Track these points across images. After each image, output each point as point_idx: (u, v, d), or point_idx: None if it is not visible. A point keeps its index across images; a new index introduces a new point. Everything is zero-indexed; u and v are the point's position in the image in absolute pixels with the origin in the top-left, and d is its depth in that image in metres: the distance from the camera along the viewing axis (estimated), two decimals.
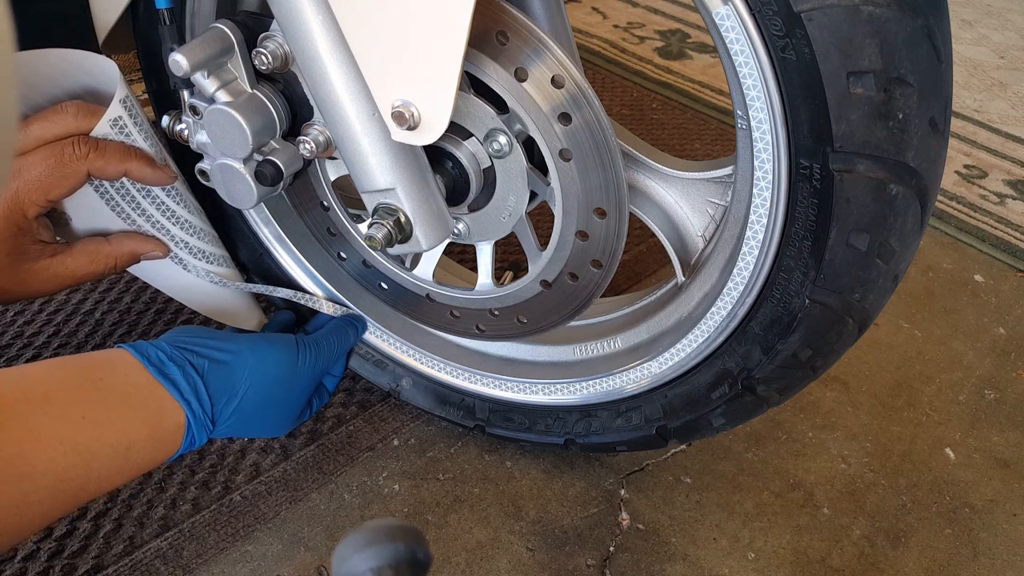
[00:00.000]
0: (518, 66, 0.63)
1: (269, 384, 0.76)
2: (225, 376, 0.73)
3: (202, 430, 0.71)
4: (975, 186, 1.44)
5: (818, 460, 0.94)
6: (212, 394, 0.71)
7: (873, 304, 0.63)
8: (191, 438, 0.71)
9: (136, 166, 0.74)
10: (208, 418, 0.71)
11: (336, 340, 0.85)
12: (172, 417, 0.69)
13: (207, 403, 0.71)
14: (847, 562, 0.84)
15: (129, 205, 0.79)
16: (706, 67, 1.77)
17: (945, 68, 0.54)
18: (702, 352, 0.72)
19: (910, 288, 1.19)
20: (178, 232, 0.82)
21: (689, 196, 0.75)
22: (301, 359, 0.79)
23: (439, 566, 0.81)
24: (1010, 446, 0.97)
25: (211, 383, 0.72)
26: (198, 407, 0.70)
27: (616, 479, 0.90)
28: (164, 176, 0.76)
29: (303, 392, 0.81)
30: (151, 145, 0.76)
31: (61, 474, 0.61)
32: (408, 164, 0.64)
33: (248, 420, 0.75)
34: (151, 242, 0.81)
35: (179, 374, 0.70)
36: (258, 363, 0.75)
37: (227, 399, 0.73)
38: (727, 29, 0.55)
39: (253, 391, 0.74)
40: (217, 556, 0.79)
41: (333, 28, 0.57)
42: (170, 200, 0.80)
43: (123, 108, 0.73)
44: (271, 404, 0.77)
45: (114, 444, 0.64)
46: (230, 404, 0.73)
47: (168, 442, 0.69)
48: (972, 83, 1.79)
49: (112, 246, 0.79)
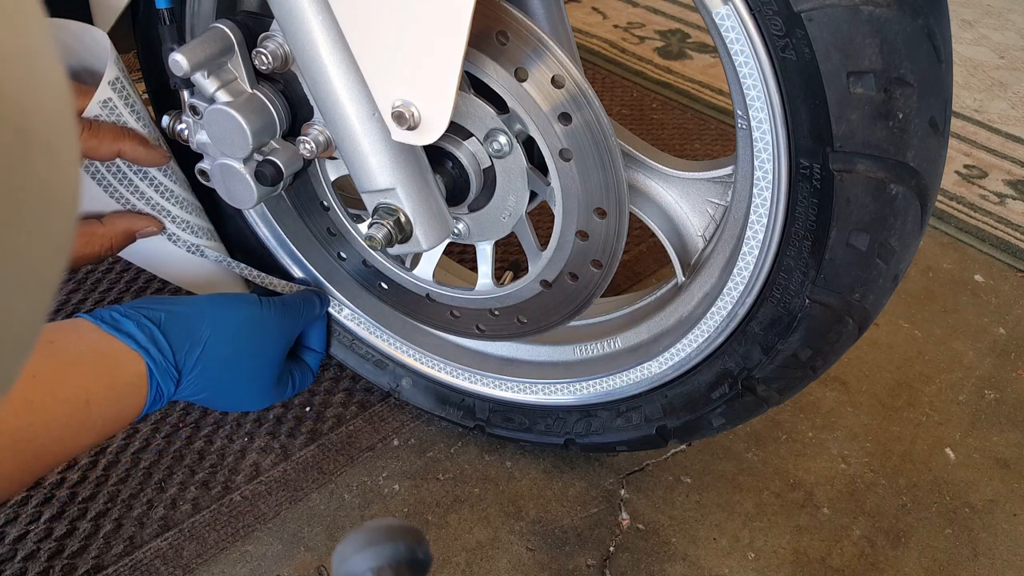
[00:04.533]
0: (518, 66, 0.63)
1: (234, 331, 0.75)
2: (184, 324, 0.72)
3: (167, 378, 0.69)
4: (975, 186, 1.44)
5: (818, 460, 0.94)
6: (172, 342, 0.70)
7: (873, 304, 0.63)
8: (156, 388, 0.69)
9: (129, 146, 0.74)
10: (171, 365, 0.70)
11: (303, 304, 0.84)
12: (130, 366, 0.67)
13: (167, 349, 0.69)
14: (847, 562, 0.84)
15: (123, 186, 0.79)
16: (706, 67, 1.77)
17: (945, 68, 0.54)
18: (702, 352, 0.72)
19: (910, 288, 1.19)
20: (175, 210, 0.82)
21: (689, 196, 0.75)
22: (266, 312, 0.78)
23: (439, 566, 0.81)
24: (1010, 446, 0.97)
25: (169, 331, 0.70)
26: (157, 354, 0.69)
27: (616, 479, 0.90)
28: (158, 156, 0.76)
29: (274, 350, 0.79)
30: (143, 124, 0.75)
31: (17, 435, 0.59)
32: (408, 164, 0.64)
33: (219, 374, 0.73)
34: (145, 219, 0.81)
35: (134, 327, 0.68)
36: (219, 312, 0.75)
37: (189, 345, 0.71)
38: (727, 29, 0.55)
39: (217, 338, 0.73)
40: (217, 556, 0.79)
41: (333, 28, 0.57)
42: (166, 179, 0.80)
43: (113, 89, 0.72)
44: (240, 357, 0.75)
45: (70, 399, 0.63)
46: (194, 350, 0.71)
47: (131, 394, 0.67)
48: (972, 83, 1.79)
49: (106, 227, 0.79)
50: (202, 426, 0.91)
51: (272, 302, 0.81)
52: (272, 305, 0.80)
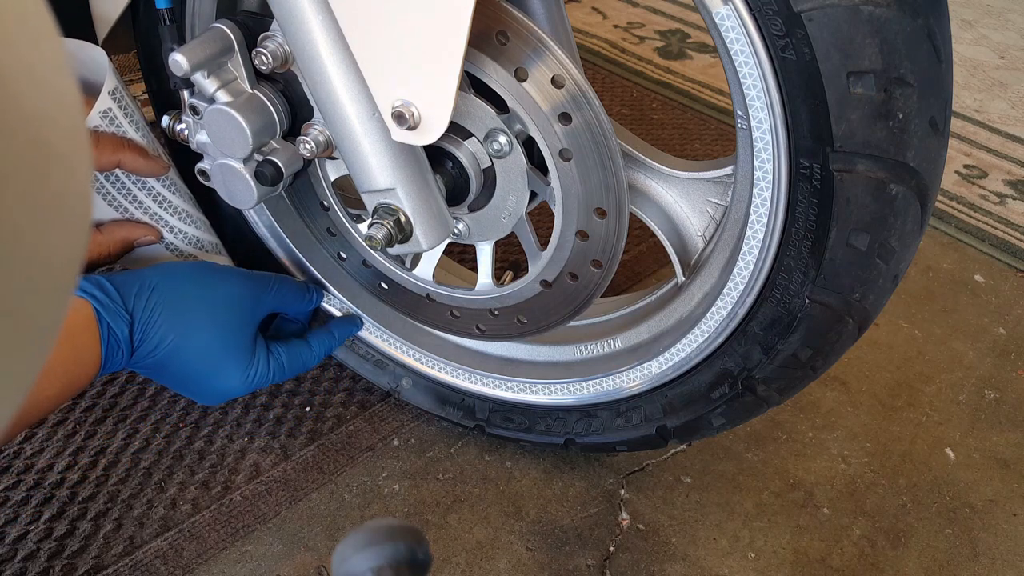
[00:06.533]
0: (518, 66, 0.63)
1: (183, 278, 0.74)
2: (131, 274, 0.72)
3: (118, 320, 0.69)
4: (975, 186, 1.44)
5: (818, 460, 0.94)
6: (119, 287, 0.70)
7: (873, 304, 0.63)
8: (108, 330, 0.68)
9: (129, 157, 0.74)
10: (120, 307, 0.69)
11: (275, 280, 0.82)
12: (77, 312, 0.66)
13: (113, 293, 0.69)
14: (847, 562, 0.84)
15: (123, 195, 0.79)
16: (706, 67, 1.77)
17: (945, 68, 0.54)
18: (702, 352, 0.72)
19: (910, 288, 1.19)
20: (173, 221, 0.82)
21: (689, 196, 0.75)
22: (219, 269, 0.78)
23: (439, 566, 0.81)
24: (1010, 446, 0.97)
25: (115, 279, 0.70)
26: (103, 296, 0.68)
27: (616, 479, 0.90)
28: (157, 166, 0.77)
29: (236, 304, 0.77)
30: (143, 136, 0.76)
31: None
32: (408, 164, 0.64)
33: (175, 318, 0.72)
34: (143, 228, 0.81)
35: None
36: (168, 266, 0.75)
37: (138, 288, 0.71)
38: (727, 29, 0.55)
39: (167, 281, 0.73)
40: (217, 556, 0.79)
41: (333, 28, 0.57)
42: (165, 189, 0.80)
43: (112, 99, 0.73)
44: (196, 299, 0.74)
45: None
46: (143, 292, 0.71)
47: (83, 339, 0.67)
48: (972, 83, 1.79)
49: (104, 235, 0.79)
50: (202, 426, 0.91)
51: (231, 267, 0.80)
52: (230, 268, 0.79)
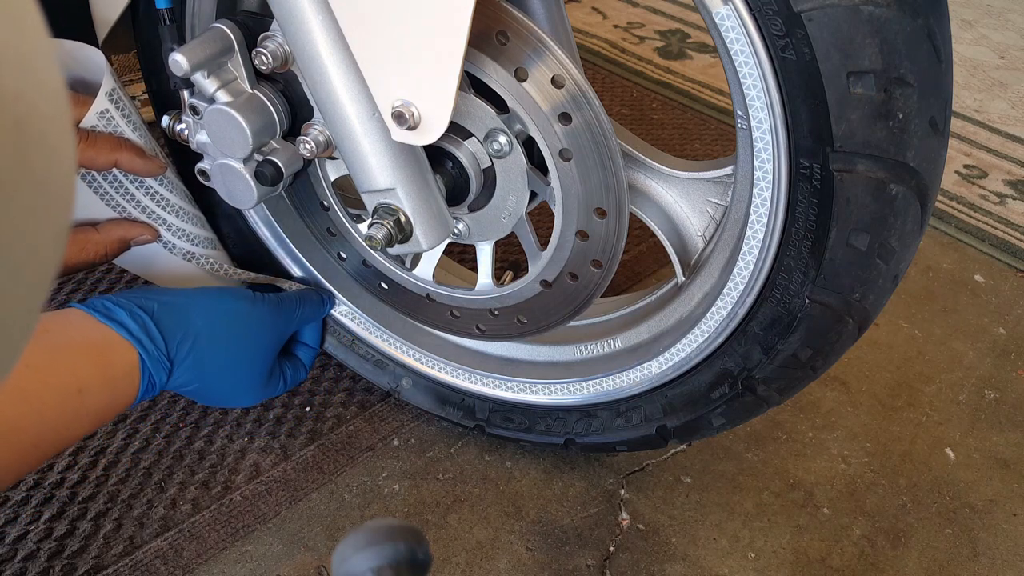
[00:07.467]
0: (518, 66, 0.63)
1: (226, 323, 0.75)
2: (176, 314, 0.72)
3: (159, 368, 0.70)
4: (975, 186, 1.44)
5: (818, 460, 0.94)
6: (164, 331, 0.71)
7: (873, 304, 0.63)
8: (148, 378, 0.69)
9: (126, 157, 0.74)
10: (163, 355, 0.70)
11: (299, 303, 0.84)
12: (123, 356, 0.68)
13: (159, 339, 0.70)
14: (847, 562, 0.84)
15: (120, 195, 0.79)
16: (706, 67, 1.77)
17: (945, 68, 0.54)
18: (702, 352, 0.72)
19: (910, 288, 1.19)
20: (171, 219, 0.82)
21: (689, 196, 0.75)
22: (258, 306, 0.79)
23: (439, 566, 0.81)
24: (1010, 446, 0.97)
25: (162, 321, 0.71)
26: (149, 344, 0.69)
27: (616, 479, 0.90)
28: (155, 166, 0.77)
29: (266, 345, 0.80)
30: (140, 136, 0.76)
31: (11, 424, 0.59)
32: (408, 164, 0.64)
33: (210, 366, 0.74)
34: (140, 227, 0.81)
35: (126, 316, 0.69)
36: (212, 303, 0.75)
37: (181, 335, 0.72)
38: (727, 29, 0.55)
39: (209, 329, 0.73)
40: (217, 556, 0.79)
41: (333, 28, 0.57)
42: (162, 188, 0.80)
43: (109, 100, 0.73)
44: (231, 350, 0.76)
45: (63, 388, 0.63)
46: (185, 341, 0.72)
47: (124, 383, 0.68)
48: (972, 83, 1.79)
49: (101, 234, 0.79)
50: (202, 426, 0.91)
51: (266, 297, 0.81)
52: (265, 300, 0.80)
